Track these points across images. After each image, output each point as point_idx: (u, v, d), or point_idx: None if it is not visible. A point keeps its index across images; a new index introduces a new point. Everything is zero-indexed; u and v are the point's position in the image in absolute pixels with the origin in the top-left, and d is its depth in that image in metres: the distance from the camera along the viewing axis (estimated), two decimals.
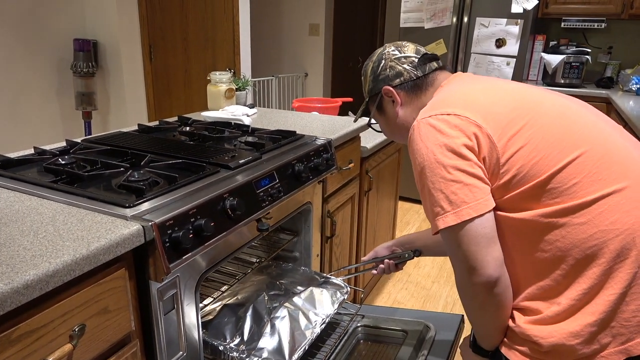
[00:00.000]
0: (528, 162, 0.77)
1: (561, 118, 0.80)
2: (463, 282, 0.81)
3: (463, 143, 0.78)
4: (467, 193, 0.77)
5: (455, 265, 0.83)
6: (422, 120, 0.84)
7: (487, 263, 0.77)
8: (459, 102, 0.84)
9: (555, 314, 0.76)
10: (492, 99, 0.84)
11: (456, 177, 0.77)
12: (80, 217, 0.85)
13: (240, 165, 1.15)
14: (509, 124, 0.80)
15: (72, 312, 0.72)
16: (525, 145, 0.78)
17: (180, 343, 0.98)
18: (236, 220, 1.02)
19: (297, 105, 2.30)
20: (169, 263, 0.85)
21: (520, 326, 0.79)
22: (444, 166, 0.78)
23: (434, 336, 1.33)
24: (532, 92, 0.87)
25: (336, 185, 1.67)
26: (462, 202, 0.76)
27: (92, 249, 0.74)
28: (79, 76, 3.27)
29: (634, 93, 2.91)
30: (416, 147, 0.83)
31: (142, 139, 1.36)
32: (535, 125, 0.79)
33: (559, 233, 0.75)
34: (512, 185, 0.77)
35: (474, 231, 0.77)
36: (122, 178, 0.99)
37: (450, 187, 0.77)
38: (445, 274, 2.54)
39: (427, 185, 0.80)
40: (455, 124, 0.80)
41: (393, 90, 1.00)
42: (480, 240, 0.77)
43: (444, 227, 0.79)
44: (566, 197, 0.74)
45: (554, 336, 0.75)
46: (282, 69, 4.73)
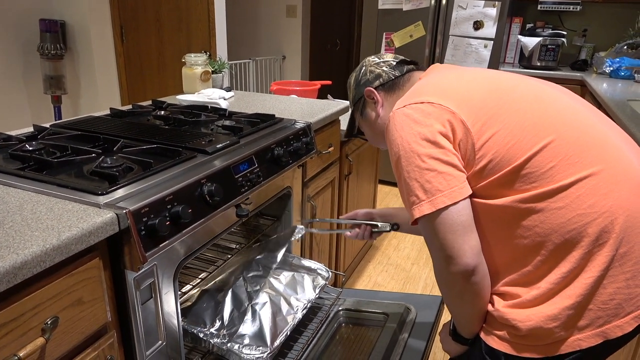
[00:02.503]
0: (503, 147, 0.76)
1: (536, 102, 0.80)
2: (441, 271, 0.81)
3: (438, 130, 0.78)
4: (441, 181, 0.77)
5: (432, 254, 0.82)
6: (397, 111, 0.85)
7: (464, 252, 0.76)
8: (433, 90, 0.85)
9: (534, 297, 0.77)
10: (466, 85, 0.85)
11: (430, 166, 0.77)
12: (49, 205, 0.81)
13: (217, 150, 1.12)
14: (482, 109, 0.79)
15: (43, 304, 0.69)
16: (500, 130, 0.77)
17: (159, 332, 0.96)
18: (214, 206, 1.00)
19: (275, 89, 2.26)
20: (145, 252, 0.82)
21: (499, 310, 0.80)
22: (418, 155, 0.78)
23: (415, 318, 1.34)
24: (507, 78, 0.86)
25: (316, 170, 1.65)
26: (437, 191, 0.76)
27: (63, 239, 0.70)
28: (47, 58, 3.14)
29: (608, 75, 2.96)
30: (392, 137, 0.83)
31: (115, 123, 1.31)
32: (510, 109, 0.79)
33: (537, 218, 0.75)
34: (488, 171, 0.77)
35: (449, 219, 0.76)
36: (94, 164, 0.95)
37: (425, 176, 0.77)
38: (424, 256, 2.57)
39: (402, 175, 0.80)
40: (428, 112, 0.80)
41: (374, 90, 1.03)
42: (457, 228, 0.76)
43: (419, 216, 0.78)
44: (543, 181, 0.74)
45: (531, 319, 0.76)
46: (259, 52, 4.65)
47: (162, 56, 3.41)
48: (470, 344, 0.88)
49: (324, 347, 1.32)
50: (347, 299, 1.47)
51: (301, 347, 1.25)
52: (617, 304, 0.74)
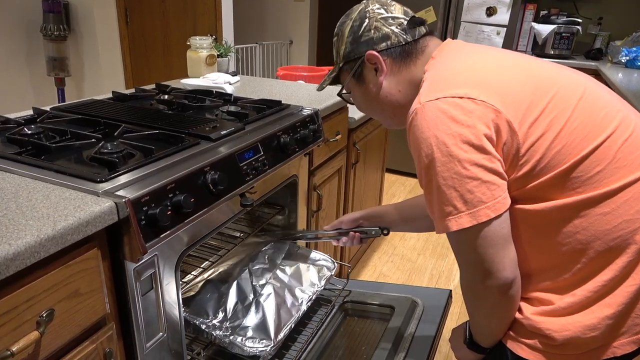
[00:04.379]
0: (550, 151, 0.69)
1: (581, 99, 0.73)
2: (474, 285, 0.75)
3: (483, 133, 0.68)
4: (484, 191, 0.68)
5: (465, 268, 0.75)
6: (429, 104, 0.72)
7: (504, 265, 0.70)
8: (468, 79, 0.73)
9: (569, 305, 0.72)
10: (505, 75, 0.74)
11: (473, 174, 0.68)
12: (46, 192, 0.77)
13: (222, 136, 1.08)
14: (529, 108, 0.70)
15: (38, 296, 0.66)
16: (547, 131, 0.70)
17: (160, 324, 0.93)
18: (218, 195, 0.96)
19: (282, 74, 2.20)
20: (145, 242, 0.79)
21: (529, 318, 0.75)
22: (459, 160, 0.68)
23: (422, 312, 1.31)
24: (545, 68, 0.78)
25: (323, 158, 1.61)
26: (479, 202, 0.68)
27: (59, 229, 0.67)
28: (50, 40, 3.09)
29: (623, 65, 2.88)
30: (422, 136, 0.71)
31: (117, 107, 1.27)
32: (556, 108, 0.71)
33: (580, 224, 0.69)
34: (531, 176, 0.70)
35: (491, 233, 0.69)
36: (94, 150, 0.92)
37: (466, 185, 0.68)
38: (430, 247, 2.54)
39: (436, 181, 0.70)
40: (470, 110, 0.69)
41: (379, 55, 0.85)
42: (498, 242, 0.69)
43: (457, 230, 0.70)
44: (588, 186, 0.69)
45: (568, 329, 0.71)
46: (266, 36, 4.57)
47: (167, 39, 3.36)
48: (488, 352, 0.83)
49: (328, 339, 1.29)
50: (352, 291, 1.44)
51: (305, 340, 1.23)
52: None
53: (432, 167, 0.70)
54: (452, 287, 2.19)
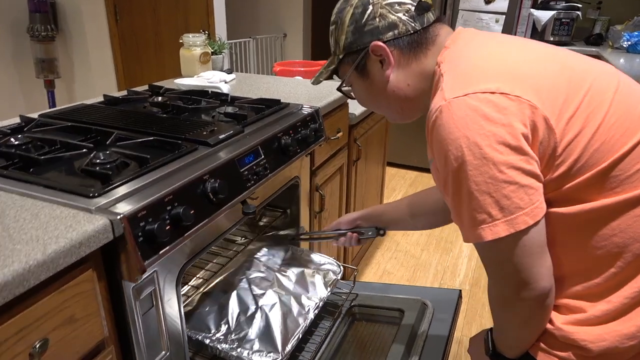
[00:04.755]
0: (588, 149, 0.64)
1: (617, 93, 0.67)
2: (508, 298, 0.69)
3: (520, 132, 0.61)
4: (522, 196, 0.62)
5: (498, 280, 0.70)
6: (457, 101, 0.64)
7: (542, 275, 0.65)
8: (499, 72, 0.66)
9: (604, 313, 0.67)
10: (536, 67, 0.67)
11: (510, 177, 0.61)
12: (35, 211, 0.72)
13: (220, 140, 1.02)
14: (565, 103, 0.64)
15: (30, 327, 0.61)
16: (584, 128, 0.64)
17: (162, 342, 0.88)
18: (219, 204, 0.91)
19: (278, 70, 2.14)
20: (144, 260, 0.74)
21: (561, 329, 0.70)
22: (495, 163, 0.61)
23: (432, 315, 1.27)
24: (574, 58, 0.71)
25: (324, 157, 1.56)
26: (517, 208, 0.62)
27: (50, 253, 0.62)
28: (37, 40, 3.01)
29: (625, 50, 2.83)
30: (450, 137, 0.64)
31: (108, 112, 1.21)
32: (592, 102, 0.65)
33: (617, 226, 0.65)
34: (568, 176, 0.65)
35: (529, 241, 0.63)
36: (85, 161, 0.86)
37: (502, 190, 0.62)
38: (434, 242, 2.50)
39: (467, 187, 0.64)
40: (504, 106, 0.62)
41: (385, 47, 0.77)
42: (536, 250, 0.64)
43: (492, 239, 0.64)
44: (627, 186, 0.64)
45: (605, 339, 0.67)
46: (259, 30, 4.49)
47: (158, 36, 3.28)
48: None
49: (336, 347, 1.25)
50: (359, 294, 1.39)
51: (314, 349, 1.18)
52: None
53: (463, 171, 0.63)
54: (458, 282, 2.15)
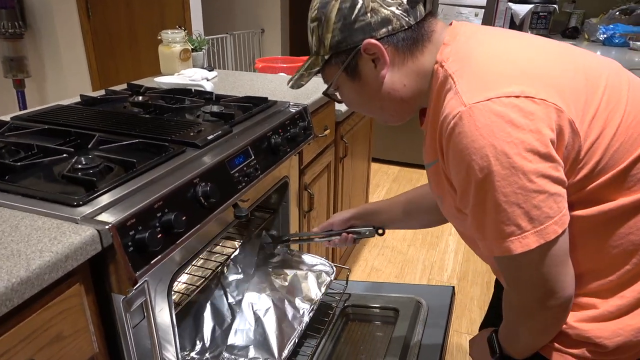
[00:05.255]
0: (609, 150, 0.62)
1: (629, 90, 0.66)
2: (530, 307, 0.68)
3: (549, 138, 0.58)
4: (552, 205, 0.59)
5: (522, 289, 0.68)
6: (479, 106, 0.60)
7: (567, 283, 0.64)
8: (519, 73, 0.62)
9: (617, 308, 0.67)
10: (555, 67, 0.64)
11: (540, 187, 0.59)
12: (14, 222, 0.67)
13: (209, 142, 0.98)
14: (586, 104, 0.62)
15: (14, 348, 0.57)
16: (605, 129, 0.62)
17: (154, 355, 0.84)
18: (210, 209, 0.87)
19: (260, 66, 2.10)
20: (135, 271, 0.69)
21: (575, 327, 0.69)
22: (524, 173, 0.58)
23: (427, 313, 1.26)
24: (582, 54, 0.69)
25: (312, 155, 1.53)
26: (547, 218, 0.60)
27: (34, 269, 0.57)
28: (4, 38, 2.88)
29: (601, 43, 2.88)
30: (474, 146, 0.59)
31: (87, 113, 1.15)
32: (610, 102, 0.64)
33: (634, 225, 0.64)
34: (589, 179, 0.63)
35: (556, 250, 0.61)
36: (67, 167, 0.81)
37: (532, 200, 0.59)
38: (420, 237, 2.50)
39: (493, 198, 0.60)
40: (530, 111, 0.59)
41: (380, 45, 0.70)
42: (562, 259, 0.63)
43: (523, 251, 0.61)
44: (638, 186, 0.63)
45: (620, 335, 0.66)
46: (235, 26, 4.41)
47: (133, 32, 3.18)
48: None
49: (332, 349, 1.23)
50: (352, 294, 1.37)
51: (309, 352, 1.16)
52: None
53: (489, 182, 0.60)
54: (446, 277, 2.15)
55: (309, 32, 0.78)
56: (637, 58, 2.46)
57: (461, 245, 2.39)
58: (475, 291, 2.04)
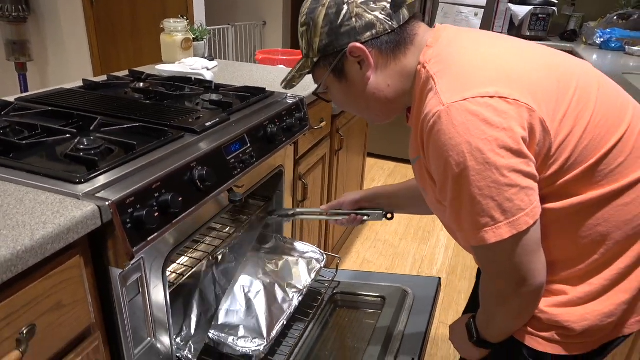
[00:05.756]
0: (578, 147, 0.66)
1: (599, 91, 0.70)
2: (505, 294, 0.72)
3: (521, 136, 0.63)
4: (523, 198, 0.64)
5: (496, 278, 0.72)
6: (456, 106, 0.64)
7: (539, 272, 0.68)
8: (495, 75, 0.66)
9: (585, 294, 0.71)
10: (529, 68, 0.68)
11: (512, 181, 0.63)
12: (19, 196, 0.71)
13: (206, 128, 1.02)
14: (557, 103, 0.66)
15: (17, 312, 0.61)
16: (575, 127, 0.66)
17: (147, 329, 0.88)
18: (206, 192, 0.91)
19: (260, 58, 2.13)
20: (132, 247, 0.73)
21: (546, 312, 0.73)
22: (497, 168, 0.62)
23: (413, 302, 1.30)
24: (556, 56, 0.74)
25: (307, 146, 1.56)
26: (519, 210, 0.64)
27: (38, 238, 0.61)
28: (8, 22, 2.90)
29: (598, 47, 2.91)
30: (451, 143, 0.63)
31: (90, 97, 1.19)
32: (580, 102, 0.68)
33: (602, 217, 0.68)
34: (560, 174, 0.67)
35: (528, 240, 0.66)
36: (69, 147, 0.85)
37: (505, 193, 0.63)
38: (412, 231, 2.54)
39: (469, 192, 0.64)
40: (503, 110, 0.63)
41: (364, 48, 0.74)
42: (533, 248, 0.67)
43: (496, 241, 0.65)
44: (611, 179, 0.67)
45: (587, 319, 0.71)
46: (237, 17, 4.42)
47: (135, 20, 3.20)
48: (499, 349, 0.82)
49: (319, 332, 1.27)
50: (341, 282, 1.42)
51: (297, 335, 1.20)
52: None
53: (464, 177, 0.64)
54: (435, 271, 2.20)
55: (299, 36, 0.82)
56: (632, 63, 2.50)
57: (452, 241, 2.44)
58: (463, 285, 2.09)
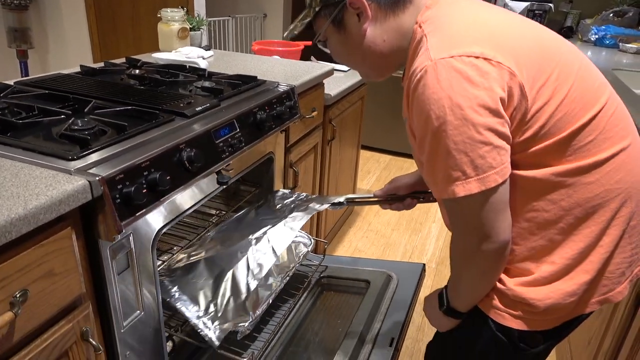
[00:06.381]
0: (552, 118, 0.69)
1: (580, 69, 0.73)
2: (470, 249, 0.74)
3: (499, 96, 0.66)
4: (495, 157, 0.67)
5: (462, 233, 0.75)
6: (442, 62, 0.67)
7: (503, 230, 0.71)
8: (483, 37, 0.69)
9: (550, 274, 0.75)
10: (517, 35, 0.72)
11: (486, 139, 0.66)
12: (14, 171, 0.75)
13: (197, 112, 1.06)
14: (538, 72, 0.69)
15: (11, 277, 0.65)
16: (552, 98, 0.69)
17: (137, 302, 0.93)
18: (194, 173, 0.95)
19: (257, 49, 2.16)
20: (121, 221, 0.78)
21: (512, 289, 0.77)
22: (474, 124, 0.65)
23: (396, 285, 1.35)
24: (546, 32, 0.77)
25: (299, 135, 1.60)
26: (489, 167, 0.67)
27: (31, 208, 0.65)
28: (10, 9, 2.93)
29: (593, 43, 2.94)
30: (434, 97, 0.66)
31: (86, 82, 1.23)
32: (560, 75, 0.70)
33: (566, 192, 0.71)
34: (533, 141, 0.70)
35: (495, 198, 0.68)
36: (64, 126, 0.89)
37: (478, 150, 0.66)
38: (404, 222, 2.59)
39: (445, 145, 0.67)
40: (486, 71, 0.66)
41: (364, 0, 0.78)
42: (500, 206, 0.69)
43: (464, 195, 0.68)
44: (579, 155, 0.70)
45: (550, 297, 0.74)
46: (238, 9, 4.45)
47: (136, 9, 3.23)
48: (469, 325, 0.85)
49: (305, 313, 1.32)
50: (328, 266, 1.46)
51: (282, 314, 1.25)
52: (621, 273, 0.76)
53: (442, 131, 0.67)
54: (425, 260, 2.24)
55: None
56: (625, 60, 2.53)
57: (443, 232, 2.48)
58: None
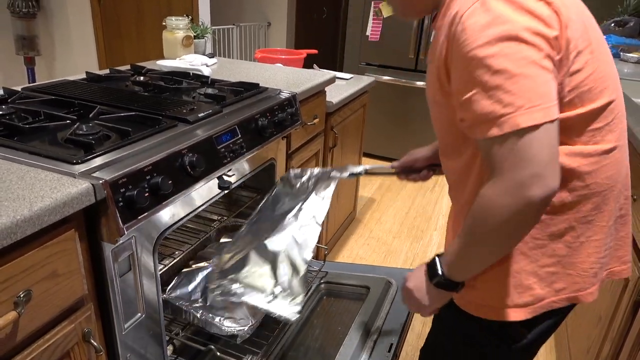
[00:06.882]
0: (580, 87, 0.67)
1: (607, 55, 0.72)
2: (510, 195, 0.62)
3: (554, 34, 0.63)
4: (553, 90, 0.62)
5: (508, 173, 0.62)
6: None
7: (557, 174, 0.62)
8: None
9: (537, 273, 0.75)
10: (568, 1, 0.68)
11: (547, 67, 0.62)
12: (20, 174, 0.77)
13: (199, 119, 1.08)
14: (580, 39, 0.66)
15: (15, 277, 0.67)
16: (584, 68, 0.67)
17: (138, 305, 0.94)
18: (196, 177, 0.97)
19: (259, 56, 2.19)
20: (123, 224, 0.79)
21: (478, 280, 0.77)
22: (539, 49, 0.61)
23: (396, 291, 1.35)
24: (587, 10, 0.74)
25: (300, 141, 1.62)
26: (551, 99, 0.62)
27: (36, 210, 0.67)
28: (18, 17, 2.98)
29: None
30: (496, 13, 0.62)
31: (91, 88, 1.25)
32: (594, 51, 0.68)
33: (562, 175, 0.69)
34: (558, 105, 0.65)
35: (555, 132, 0.62)
36: (69, 131, 0.91)
37: (542, 77, 0.61)
38: (405, 230, 2.59)
39: (505, 70, 0.61)
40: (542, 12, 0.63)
41: None
42: (556, 144, 0.62)
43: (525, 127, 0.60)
44: (585, 138, 0.70)
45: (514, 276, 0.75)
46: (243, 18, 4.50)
47: (141, 18, 3.27)
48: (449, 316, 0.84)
49: (305, 319, 1.33)
50: (329, 272, 1.47)
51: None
52: (594, 273, 0.76)
53: (503, 55, 0.61)
54: None
55: None
56: (627, 69, 2.54)
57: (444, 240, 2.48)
58: None
